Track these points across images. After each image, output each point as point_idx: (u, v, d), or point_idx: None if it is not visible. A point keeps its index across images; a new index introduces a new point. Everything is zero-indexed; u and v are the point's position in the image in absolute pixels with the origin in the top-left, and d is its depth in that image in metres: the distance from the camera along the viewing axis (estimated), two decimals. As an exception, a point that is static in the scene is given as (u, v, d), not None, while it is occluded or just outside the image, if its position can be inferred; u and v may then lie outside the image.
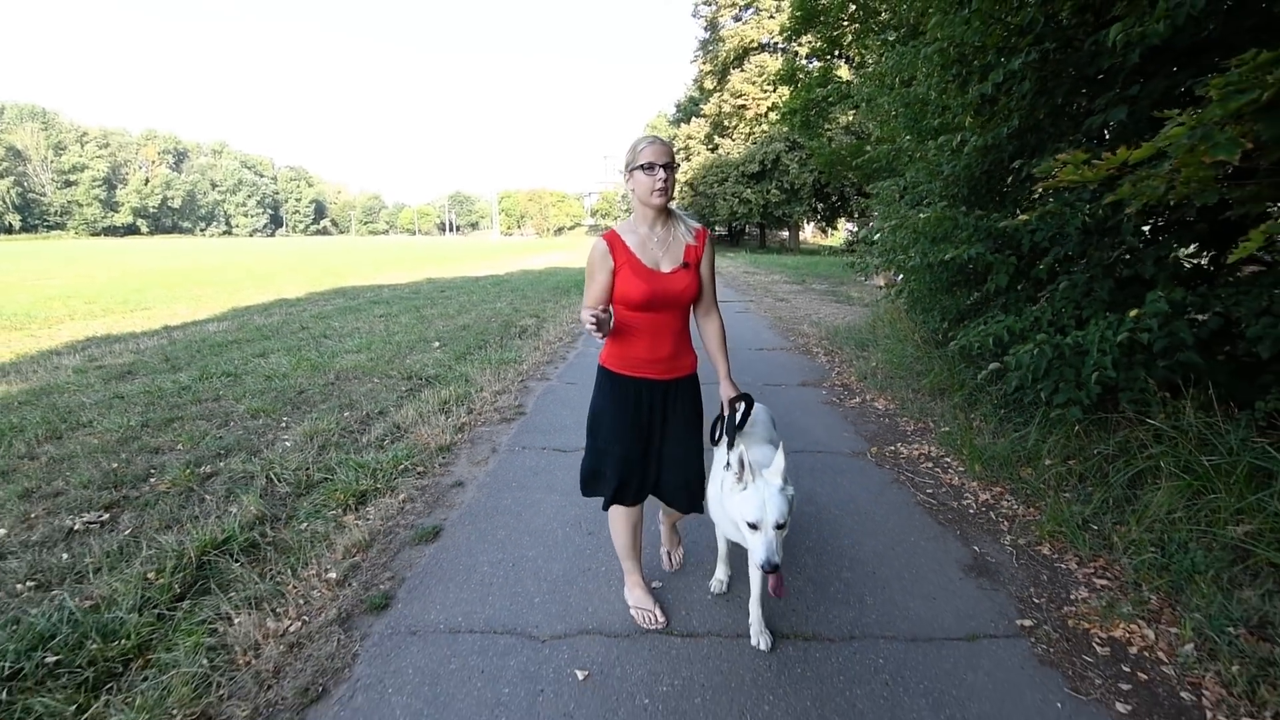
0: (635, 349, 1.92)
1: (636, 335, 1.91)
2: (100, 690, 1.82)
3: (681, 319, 1.94)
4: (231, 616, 2.11)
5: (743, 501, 1.71)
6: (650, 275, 1.84)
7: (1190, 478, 2.52)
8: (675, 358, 1.94)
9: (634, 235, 1.88)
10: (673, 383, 1.96)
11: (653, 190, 1.78)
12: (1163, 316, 2.72)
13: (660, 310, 1.87)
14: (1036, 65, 3.06)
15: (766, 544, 1.65)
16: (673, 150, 1.81)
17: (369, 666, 1.92)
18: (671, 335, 1.92)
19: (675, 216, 1.91)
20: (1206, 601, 2.06)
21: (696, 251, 1.90)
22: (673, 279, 1.85)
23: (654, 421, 1.97)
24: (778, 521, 1.66)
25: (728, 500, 1.80)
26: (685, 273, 1.87)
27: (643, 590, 2.16)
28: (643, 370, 1.93)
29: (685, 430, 1.99)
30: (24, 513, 2.90)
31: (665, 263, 1.87)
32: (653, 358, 1.91)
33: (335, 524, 2.79)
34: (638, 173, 1.80)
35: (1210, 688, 1.79)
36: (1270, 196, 2.14)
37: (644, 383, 1.93)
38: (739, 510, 1.71)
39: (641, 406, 1.94)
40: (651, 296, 1.83)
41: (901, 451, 3.73)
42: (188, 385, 5.13)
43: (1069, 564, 2.46)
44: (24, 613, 2.11)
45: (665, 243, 1.88)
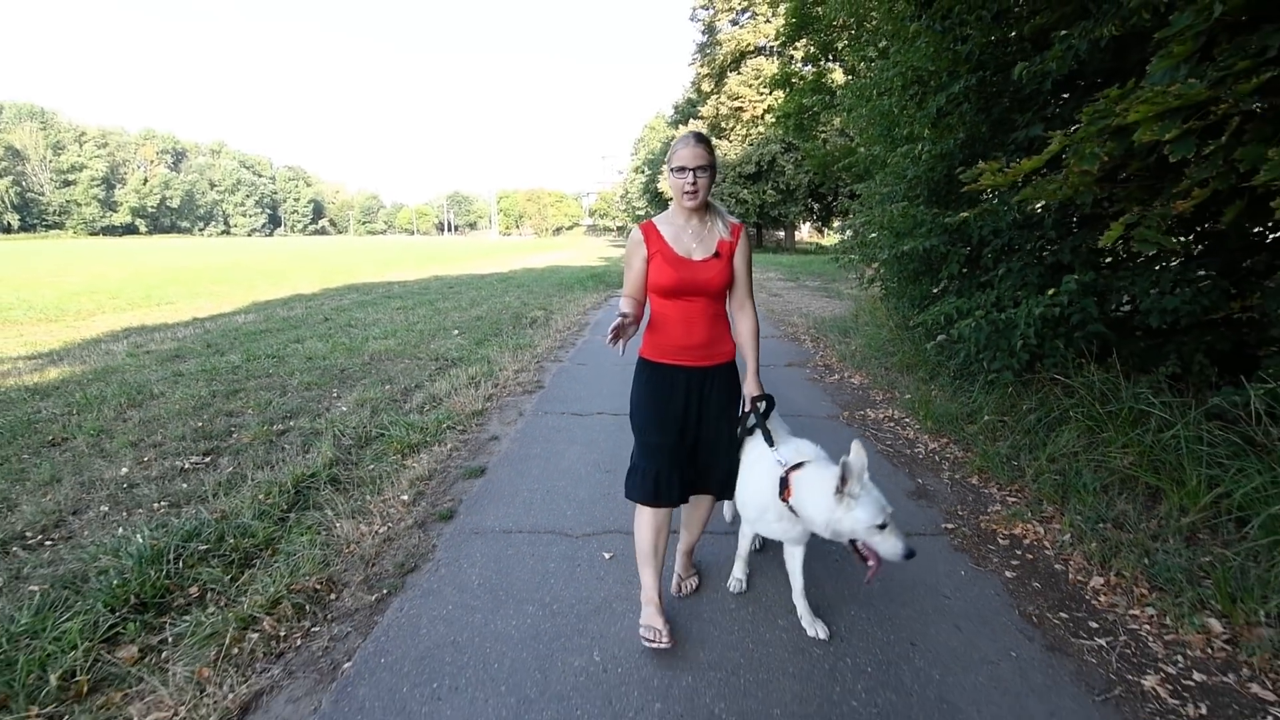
0: (669, 336, 1.94)
1: (670, 323, 1.93)
2: (245, 567, 2.42)
3: (713, 307, 1.95)
4: (333, 523, 2.71)
5: (862, 509, 1.68)
6: (680, 262, 1.88)
7: (1090, 422, 3.14)
8: (710, 345, 1.94)
9: (670, 226, 1.93)
10: (710, 370, 1.96)
11: (683, 192, 1.83)
12: (1072, 295, 3.35)
13: (690, 297, 1.90)
14: (976, 88, 3.69)
15: (900, 535, 1.69)
16: (710, 153, 1.82)
17: (446, 553, 2.53)
18: (704, 323, 1.93)
19: (714, 211, 1.94)
20: (1088, 509, 2.68)
21: (730, 245, 1.92)
22: (703, 267, 1.88)
23: (689, 409, 1.96)
24: (893, 514, 1.71)
25: (844, 519, 1.71)
26: (716, 262, 1.89)
27: (655, 609, 2.00)
28: (678, 357, 1.94)
29: (722, 417, 2.00)
30: (137, 457, 3.50)
31: (698, 252, 1.90)
32: (687, 344, 1.93)
33: (397, 465, 3.40)
34: (671, 174, 1.84)
35: (1076, 561, 2.41)
36: (1136, 198, 2.74)
37: (680, 370, 1.95)
38: (862, 520, 1.69)
39: (677, 393, 1.94)
40: (680, 283, 1.87)
41: (869, 415, 4.35)
42: (238, 365, 5.72)
43: (990, 489, 3.09)
44: (168, 521, 2.71)
45: (700, 234, 1.91)
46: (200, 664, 1.88)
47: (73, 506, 2.92)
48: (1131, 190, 2.76)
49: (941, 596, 2.25)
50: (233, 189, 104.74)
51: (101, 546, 2.47)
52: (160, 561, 2.34)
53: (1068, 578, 2.35)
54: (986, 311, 3.73)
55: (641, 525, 2.02)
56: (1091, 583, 2.28)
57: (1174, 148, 2.14)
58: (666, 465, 1.95)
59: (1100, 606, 2.17)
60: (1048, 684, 1.82)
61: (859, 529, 1.69)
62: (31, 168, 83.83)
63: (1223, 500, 2.44)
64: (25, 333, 8.25)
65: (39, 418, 4.24)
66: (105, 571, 2.28)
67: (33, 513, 2.83)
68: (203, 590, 2.26)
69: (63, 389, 5.04)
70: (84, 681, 1.82)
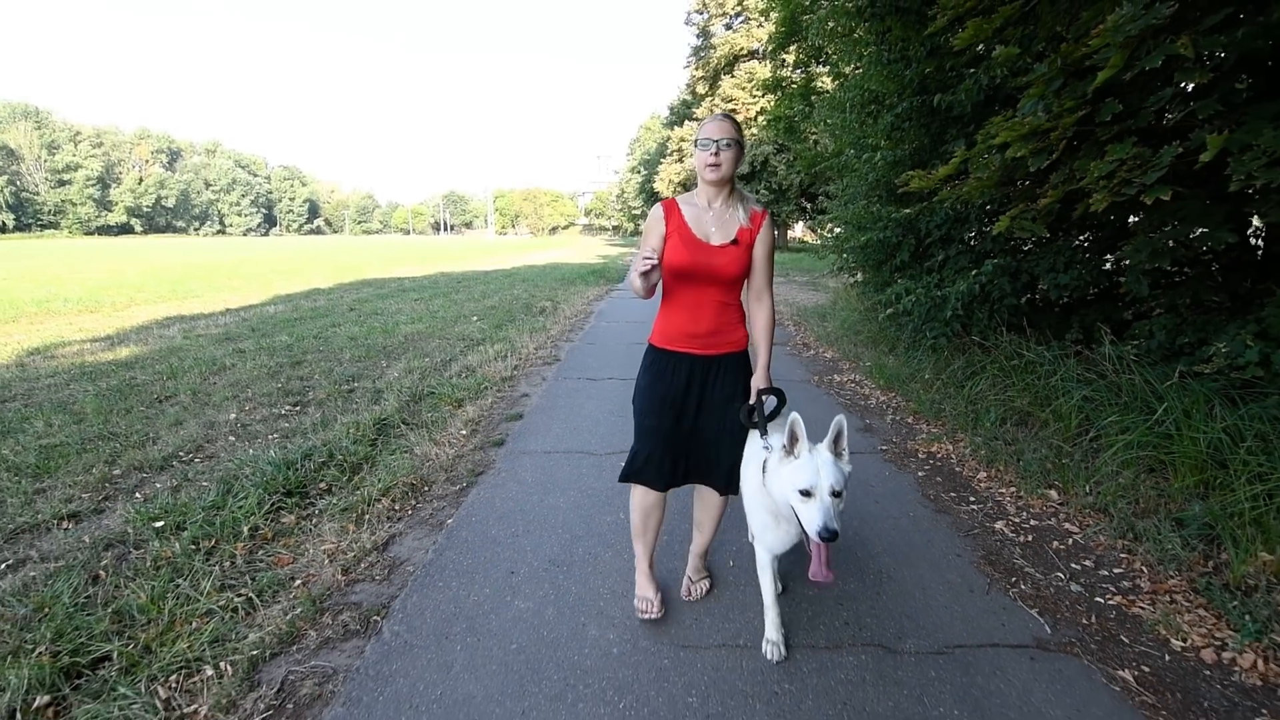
0: (676, 321, 1.91)
1: (678, 306, 1.91)
2: (355, 473, 3.24)
3: (724, 295, 1.90)
4: (414, 446, 3.54)
5: (794, 470, 1.56)
6: (697, 245, 1.83)
7: (999, 374, 4.01)
8: (716, 333, 1.90)
9: (691, 207, 1.88)
10: (715, 359, 1.92)
11: (706, 164, 1.80)
12: (990, 275, 4.22)
13: (701, 283, 1.86)
14: (919, 109, 4.55)
15: (823, 509, 1.49)
16: (737, 129, 1.79)
17: (503, 464, 3.36)
18: (712, 310, 1.88)
19: (738, 196, 1.89)
20: (987, 433, 3.54)
21: (750, 233, 1.86)
22: (719, 252, 1.82)
23: (690, 396, 1.92)
24: (833, 488, 1.52)
25: (774, 478, 1.64)
26: (734, 249, 1.83)
27: (645, 578, 2.10)
28: (683, 345, 1.91)
29: (727, 408, 1.92)
30: (239, 407, 4.32)
31: (716, 237, 1.85)
32: (692, 331, 1.89)
33: (450, 413, 4.22)
34: (697, 148, 1.83)
35: (970, 464, 3.28)
36: (1019, 198, 3.59)
37: (683, 357, 1.91)
38: (789, 480, 1.56)
39: (678, 381, 1.91)
40: (693, 265, 1.82)
41: (835, 379, 5.21)
42: (290, 344, 6.53)
43: (920, 425, 3.95)
44: (284, 447, 3.52)
45: (721, 219, 1.86)
46: (345, 522, 2.70)
47: (205, 439, 3.74)
48: (1018, 192, 3.61)
49: (869, 486, 3.10)
50: (228, 188, 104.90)
51: (243, 460, 3.29)
52: (291, 468, 3.16)
53: (961, 474, 3.21)
54: (927, 290, 4.60)
55: (633, 506, 2.08)
56: (977, 476, 3.15)
57: (1032, 160, 3.00)
58: (659, 449, 1.95)
59: (979, 489, 3.03)
60: (931, 529, 2.67)
61: (786, 490, 1.57)
62: (26, 167, 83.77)
63: (1085, 424, 3.29)
64: (73, 322, 8.99)
65: (136, 383, 5.03)
66: (255, 472, 3.10)
67: (176, 442, 3.64)
68: (329, 485, 3.08)
69: (140, 363, 5.83)
70: (267, 532, 2.65)
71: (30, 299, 11.26)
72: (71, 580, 2.22)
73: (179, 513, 2.72)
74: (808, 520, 1.52)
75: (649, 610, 2.03)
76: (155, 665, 1.83)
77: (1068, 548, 2.48)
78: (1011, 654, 1.88)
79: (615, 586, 2.24)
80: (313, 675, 1.82)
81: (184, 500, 2.84)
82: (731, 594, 2.22)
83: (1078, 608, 2.11)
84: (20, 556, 2.45)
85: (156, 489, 3.03)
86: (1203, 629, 1.95)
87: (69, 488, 3.04)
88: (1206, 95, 2.45)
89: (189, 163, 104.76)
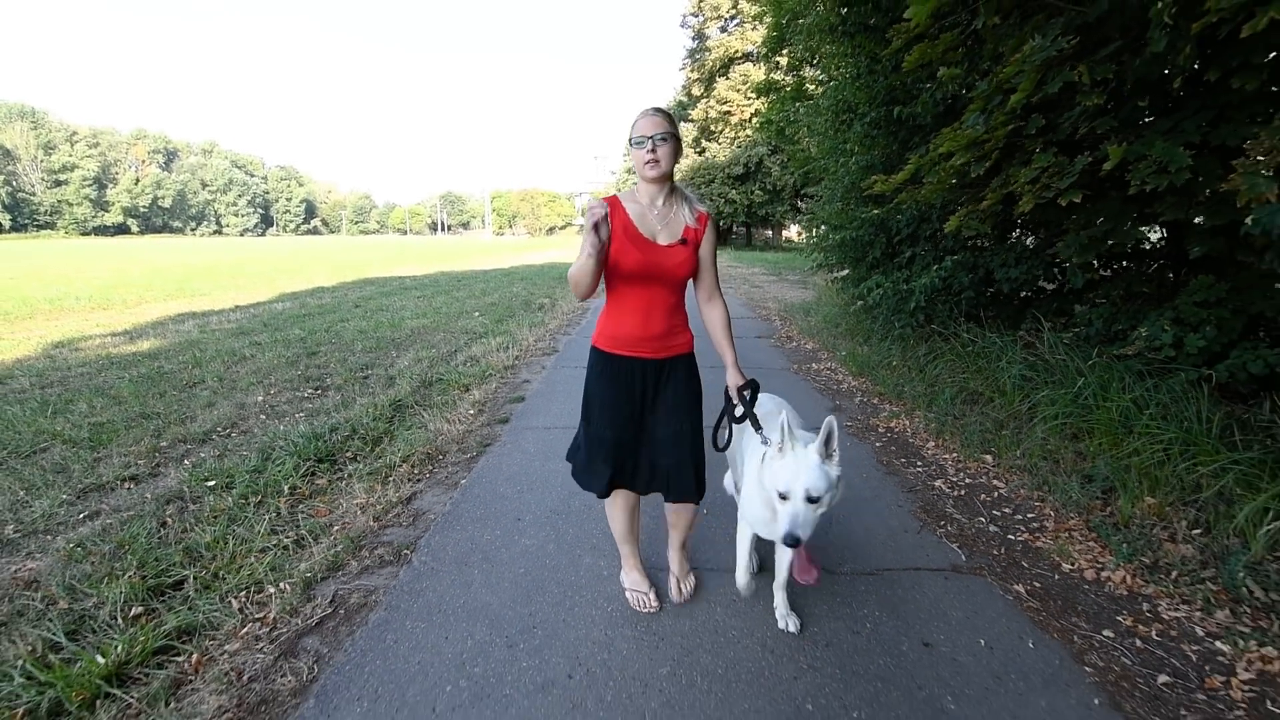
0: (627, 325, 1.86)
1: (629, 310, 1.86)
2: (374, 444, 3.64)
3: (675, 295, 1.88)
4: (427, 423, 3.94)
5: (777, 470, 1.58)
6: (645, 245, 1.79)
7: (956, 359, 4.43)
8: (668, 335, 1.87)
9: (635, 205, 1.84)
10: (666, 361, 1.90)
11: (644, 162, 1.76)
12: (950, 270, 4.64)
13: (653, 284, 1.83)
14: (886, 118, 4.97)
15: (791, 515, 1.50)
16: (670, 122, 1.76)
17: (509, 438, 3.76)
18: (664, 312, 1.86)
19: (680, 196, 1.86)
20: (940, 410, 3.95)
21: (696, 233, 1.84)
22: (669, 252, 1.79)
23: (646, 403, 1.91)
24: (809, 494, 1.50)
25: (765, 472, 1.64)
26: (682, 248, 1.81)
27: (639, 573, 2.14)
28: (635, 349, 1.86)
29: (675, 412, 1.90)
30: (265, 390, 4.71)
31: (663, 236, 1.82)
32: (645, 335, 1.85)
33: (458, 396, 4.62)
34: (632, 147, 1.79)
35: (922, 436, 3.69)
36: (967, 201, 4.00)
37: (636, 362, 1.87)
38: (771, 480, 1.59)
39: (635, 387, 1.88)
40: (644, 266, 1.79)
41: (814, 367, 5.63)
42: (303, 337, 6.91)
43: (884, 405, 4.37)
44: (311, 423, 3.92)
45: (665, 217, 1.83)
46: (372, 483, 3.10)
47: (237, 417, 4.13)
48: (966, 195, 4.03)
49: (832, 455, 3.51)
50: (225, 189, 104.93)
51: (276, 434, 3.68)
52: (320, 440, 3.56)
53: (913, 444, 3.63)
54: (895, 284, 5.03)
55: (611, 511, 2.11)
56: (927, 445, 3.56)
57: (973, 167, 3.42)
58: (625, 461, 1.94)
59: (926, 455, 3.45)
60: (880, 487, 3.08)
61: (769, 486, 1.59)
62: (22, 168, 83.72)
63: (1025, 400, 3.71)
64: (88, 318, 9.35)
65: (165, 371, 5.42)
66: (288, 444, 3.49)
67: (212, 420, 4.03)
68: (355, 454, 3.48)
69: (164, 354, 6.21)
70: (305, 490, 3.04)
71: (41, 297, 11.60)
72: (144, 526, 2.62)
73: (226, 475, 3.12)
74: (780, 523, 1.53)
75: (645, 604, 2.07)
76: (226, 586, 2.23)
77: (993, 499, 2.90)
78: (930, 575, 2.30)
79: (607, 530, 2.64)
80: (358, 591, 2.22)
81: (229, 465, 3.24)
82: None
83: (991, 543, 2.53)
84: (94, 509, 2.85)
85: (202, 457, 3.43)
86: (1089, 556, 2.36)
87: (124, 456, 3.43)
88: (1105, 114, 2.87)
89: (185, 163, 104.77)
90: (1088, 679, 1.77)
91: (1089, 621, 2.02)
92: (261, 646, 1.93)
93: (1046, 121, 3.07)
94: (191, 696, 1.74)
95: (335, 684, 1.77)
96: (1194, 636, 1.93)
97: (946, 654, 1.86)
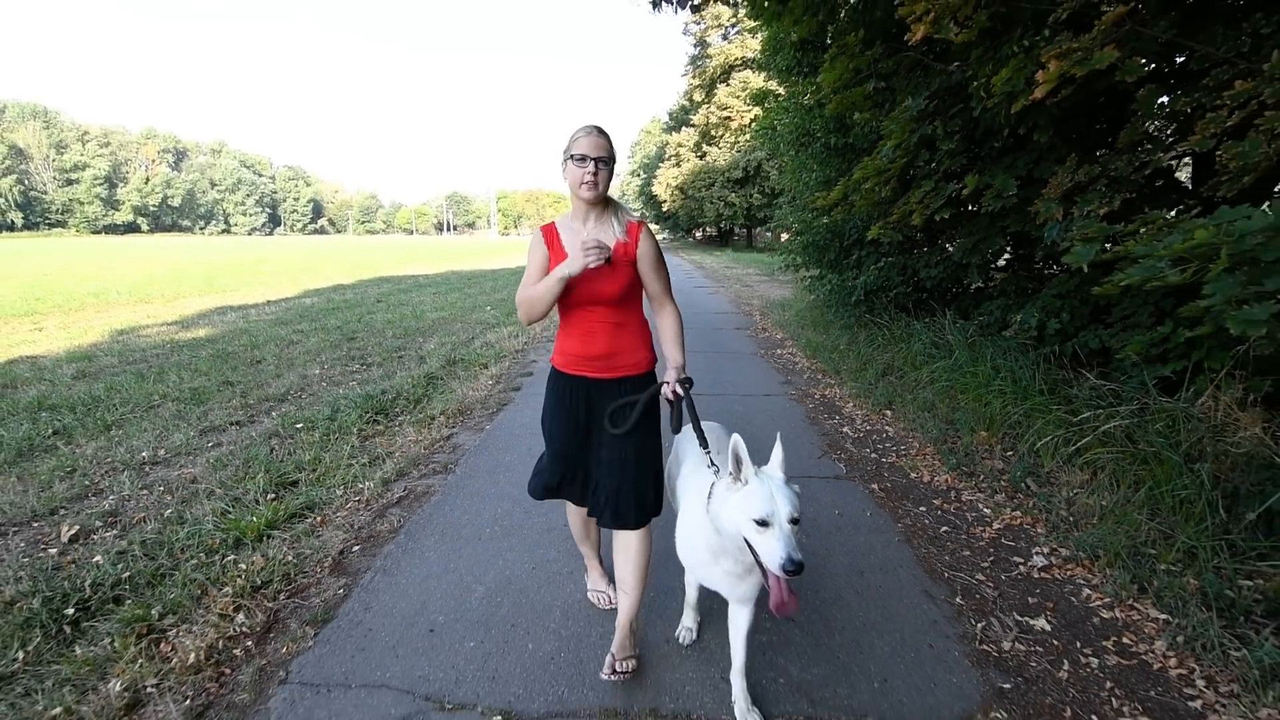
0: (571, 344, 1.86)
1: (572, 330, 1.86)
2: (417, 403, 4.64)
3: (615, 315, 1.83)
4: (454, 389, 4.94)
5: (745, 498, 1.42)
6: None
7: (886, 342, 5.42)
8: (612, 356, 1.84)
9: (567, 230, 1.83)
10: (613, 382, 1.86)
11: (581, 182, 1.72)
12: (884, 270, 5.64)
13: (587, 305, 1.81)
14: (837, 142, 5.97)
15: (783, 538, 1.35)
16: (611, 145, 1.74)
17: (521, 399, 4.76)
18: (604, 333, 1.82)
19: (611, 211, 1.83)
20: (865, 382, 4.94)
21: (626, 248, 1.80)
22: (594, 274, 1.73)
23: (593, 421, 1.88)
24: (792, 514, 1.39)
25: (723, 506, 1.49)
26: (608, 269, 1.75)
27: (599, 574, 2.25)
28: (579, 368, 1.86)
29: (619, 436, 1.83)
30: (321, 365, 5.72)
31: None
32: (586, 354, 1.84)
33: (478, 372, 5.62)
34: (570, 163, 1.74)
35: (845, 400, 4.69)
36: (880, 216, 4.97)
37: (580, 381, 1.87)
38: (743, 509, 1.41)
39: (579, 406, 1.87)
40: (577, 290, 1.77)
41: (778, 352, 6.63)
42: (339, 326, 7.94)
43: (828, 380, 5.36)
44: (364, 388, 4.92)
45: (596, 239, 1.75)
46: (419, 428, 4.10)
47: (302, 385, 5.14)
48: (881, 210, 5.03)
49: (771, 415, 4.50)
50: (233, 188, 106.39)
51: (337, 396, 4.69)
52: (373, 400, 4.56)
53: (837, 405, 4.62)
54: (842, 281, 6.03)
55: (570, 517, 2.19)
56: (847, 405, 4.57)
57: (882, 190, 4.42)
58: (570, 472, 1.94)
59: (844, 412, 4.44)
60: (802, 432, 4.07)
61: (740, 520, 1.43)
62: (35, 166, 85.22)
63: (923, 371, 4.70)
64: (135, 310, 10.38)
65: (229, 351, 6.44)
66: (349, 402, 4.49)
67: (283, 386, 5.05)
68: (402, 410, 4.49)
69: (220, 339, 7.23)
70: (369, 431, 4.05)
71: (84, 291, 12.67)
72: (259, 450, 3.63)
73: (309, 421, 4.13)
74: (767, 553, 1.36)
75: (606, 602, 2.17)
76: (330, 482, 3.23)
77: (881, 439, 3.90)
78: (819, 480, 3.29)
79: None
80: (420, 486, 3.23)
81: (308, 415, 4.25)
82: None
83: (867, 463, 3.52)
84: (215, 442, 3.86)
85: (285, 410, 4.44)
86: (930, 468, 3.36)
87: (224, 409, 4.45)
88: (959, 155, 3.87)
89: (195, 162, 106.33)
90: (897, 530, 2.77)
91: (912, 502, 3.02)
92: (362, 513, 2.94)
93: (930, 155, 4.06)
94: (323, 535, 2.74)
95: (415, 528, 2.78)
96: (975, 509, 2.92)
97: (810, 517, 2.86)
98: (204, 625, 2.09)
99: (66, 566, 2.45)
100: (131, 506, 2.98)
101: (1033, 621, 2.13)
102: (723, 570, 1.62)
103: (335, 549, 2.60)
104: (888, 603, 2.24)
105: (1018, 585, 2.34)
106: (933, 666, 1.92)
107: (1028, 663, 1.94)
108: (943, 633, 2.08)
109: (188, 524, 2.76)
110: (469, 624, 2.12)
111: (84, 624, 2.14)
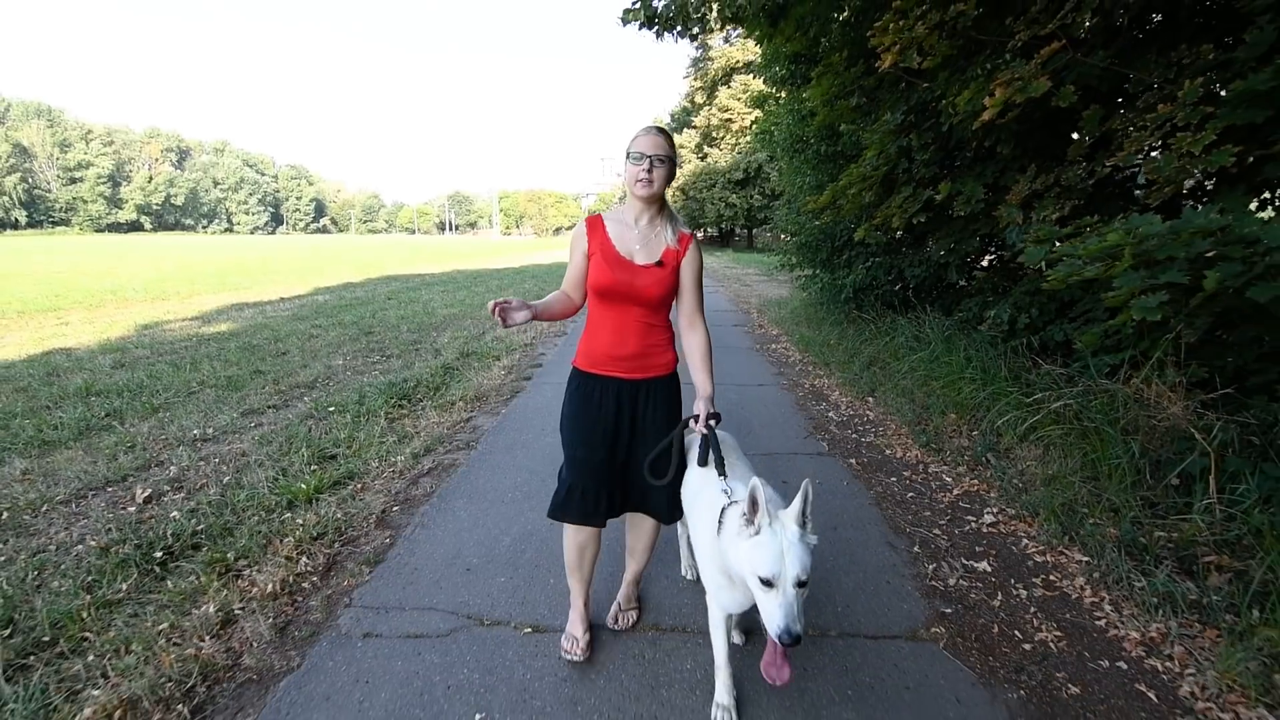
0: (600, 343, 1.86)
1: (602, 328, 1.86)
2: (436, 390, 5.02)
3: (649, 316, 1.85)
4: (470, 378, 5.33)
5: (754, 549, 1.36)
6: (619, 263, 1.79)
7: (873, 335, 5.80)
8: (643, 357, 1.85)
9: (617, 223, 1.85)
10: (644, 383, 1.87)
11: (636, 179, 1.75)
12: (871, 269, 6.02)
13: (625, 303, 1.82)
14: (828, 149, 6.35)
15: (785, 606, 1.28)
16: (670, 145, 1.75)
17: (533, 388, 5.15)
18: (636, 332, 1.83)
19: (667, 216, 1.86)
20: (852, 373, 5.32)
21: (676, 255, 1.83)
22: (643, 272, 1.77)
23: (621, 424, 1.87)
24: (799, 577, 1.30)
25: (731, 548, 1.43)
26: (658, 270, 1.78)
27: (579, 616, 2.04)
28: (608, 368, 1.86)
29: (661, 435, 1.86)
30: (343, 356, 6.11)
31: (640, 256, 1.81)
32: (617, 354, 1.84)
33: (490, 363, 6.01)
34: (629, 160, 1.77)
35: (832, 389, 5.07)
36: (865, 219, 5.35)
37: (610, 381, 1.86)
38: (749, 561, 1.36)
39: (606, 407, 1.85)
40: (615, 284, 1.78)
41: (773, 347, 7.01)
42: (355, 321, 8.32)
43: (818, 372, 5.74)
44: (386, 377, 5.30)
45: (646, 238, 1.82)
46: (440, 412, 4.48)
47: (328, 374, 5.53)
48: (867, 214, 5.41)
49: (763, 402, 4.88)
50: (236, 187, 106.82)
51: (363, 384, 5.08)
52: (396, 387, 4.94)
53: (824, 393, 5.00)
54: (833, 280, 6.41)
55: (566, 541, 2.00)
56: (834, 394, 4.95)
57: (867, 195, 4.80)
58: (593, 483, 1.88)
59: (830, 399, 4.83)
60: (791, 416, 4.45)
61: (744, 571, 1.37)
62: (39, 165, 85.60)
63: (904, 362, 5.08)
64: (154, 307, 10.76)
65: (254, 344, 6.82)
66: (374, 389, 4.88)
67: (311, 375, 5.43)
68: (423, 396, 4.87)
69: (243, 333, 7.61)
70: (395, 414, 4.43)
71: (100, 288, 13.05)
72: (298, 429, 4.01)
73: (339, 405, 4.51)
74: (767, 615, 1.31)
75: (573, 650, 1.95)
76: (364, 456, 3.61)
77: (861, 421, 4.28)
78: (803, 456, 3.67)
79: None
80: (446, 459, 3.61)
81: (338, 400, 4.64)
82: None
83: (848, 442, 3.90)
84: (257, 423, 4.25)
85: (316, 396, 4.82)
86: (903, 446, 3.74)
87: (259, 395, 4.84)
88: (933, 164, 4.25)
89: (198, 161, 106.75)
90: (869, 496, 3.15)
91: (884, 474, 3.40)
92: (397, 481, 3.32)
93: (908, 163, 4.45)
94: (364, 498, 3.12)
95: (446, 493, 3.16)
96: (939, 479, 3.31)
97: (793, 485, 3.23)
98: (274, 566, 2.47)
99: (147, 520, 2.83)
100: (192, 475, 3.36)
101: (976, 565, 2.51)
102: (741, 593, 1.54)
103: (378, 509, 2.98)
104: (855, 551, 2.63)
105: (968, 538, 2.72)
106: (888, 597, 2.30)
107: (968, 594, 2.32)
108: (899, 573, 2.46)
109: (245, 489, 3.14)
110: (499, 565, 2.51)
111: (170, 565, 2.52)
